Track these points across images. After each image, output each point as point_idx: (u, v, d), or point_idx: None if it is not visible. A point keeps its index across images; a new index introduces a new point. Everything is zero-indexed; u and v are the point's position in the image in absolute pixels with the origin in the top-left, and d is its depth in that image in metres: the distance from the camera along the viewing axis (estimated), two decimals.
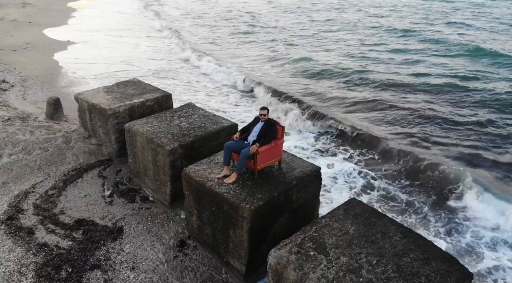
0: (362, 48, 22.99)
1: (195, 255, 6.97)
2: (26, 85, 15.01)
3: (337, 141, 12.46)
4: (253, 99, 16.33)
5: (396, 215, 8.79)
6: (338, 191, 9.54)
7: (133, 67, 19.02)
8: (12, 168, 8.64)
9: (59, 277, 6.21)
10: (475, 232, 8.31)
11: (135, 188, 8.70)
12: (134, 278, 6.40)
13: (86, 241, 7.05)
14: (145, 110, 9.57)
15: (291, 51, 22.50)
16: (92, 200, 8.20)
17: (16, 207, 7.62)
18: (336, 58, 21.08)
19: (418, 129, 12.90)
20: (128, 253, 6.89)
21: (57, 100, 11.66)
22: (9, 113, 11.59)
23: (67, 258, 6.59)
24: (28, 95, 13.88)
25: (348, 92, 16.36)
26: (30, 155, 9.10)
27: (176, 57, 22.12)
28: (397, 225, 5.27)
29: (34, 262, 6.41)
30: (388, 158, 11.20)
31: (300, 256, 4.73)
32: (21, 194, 8.04)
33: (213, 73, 19.12)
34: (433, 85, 16.53)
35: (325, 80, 17.96)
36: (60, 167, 9.07)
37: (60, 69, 17.53)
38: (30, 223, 7.29)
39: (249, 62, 21.28)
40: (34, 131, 9.84)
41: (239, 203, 5.78)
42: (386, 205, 9.19)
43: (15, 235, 6.91)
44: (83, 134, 10.21)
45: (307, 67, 19.55)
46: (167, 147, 7.44)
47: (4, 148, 9.08)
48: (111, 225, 7.51)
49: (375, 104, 15.02)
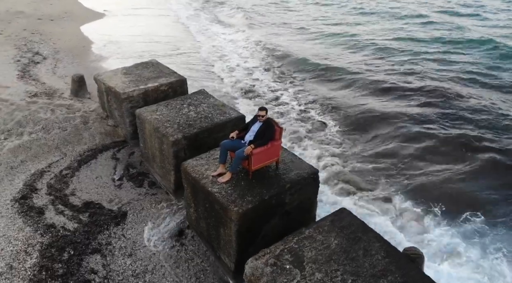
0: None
1: (191, 246, 7.16)
2: (58, 58, 15.51)
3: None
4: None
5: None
6: None
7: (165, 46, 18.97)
8: (31, 146, 9.10)
9: (61, 259, 6.61)
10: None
11: (144, 172, 8.94)
12: (130, 265, 6.70)
13: (91, 224, 7.40)
14: (159, 94, 9.67)
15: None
16: (103, 183, 8.54)
17: (30, 186, 8.08)
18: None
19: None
20: (128, 239, 7.19)
21: (81, 78, 11.99)
22: (37, 88, 12.10)
23: (71, 240, 6.97)
24: (58, 69, 14.36)
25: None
26: (49, 134, 9.52)
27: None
28: (382, 242, 5.13)
29: (40, 243, 6.84)
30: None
31: (276, 269, 4.74)
32: (37, 173, 8.49)
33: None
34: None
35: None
36: (77, 147, 9.45)
37: (91, 43, 17.91)
38: (41, 203, 7.73)
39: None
40: (55, 110, 10.24)
41: (228, 205, 5.81)
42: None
43: (26, 215, 7.36)
44: (101, 115, 10.52)
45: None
46: (171, 138, 7.53)
47: (26, 126, 9.54)
48: (116, 210, 7.81)
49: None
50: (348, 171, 10.15)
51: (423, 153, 10.90)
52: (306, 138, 11.65)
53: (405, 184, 9.64)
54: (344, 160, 10.66)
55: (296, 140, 11.56)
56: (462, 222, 8.47)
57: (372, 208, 8.86)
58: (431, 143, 11.29)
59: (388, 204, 9.02)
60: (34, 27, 18.95)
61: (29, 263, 6.42)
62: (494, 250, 7.72)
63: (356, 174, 10.03)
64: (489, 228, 8.27)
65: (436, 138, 11.45)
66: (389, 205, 8.98)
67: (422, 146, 11.18)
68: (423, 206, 8.88)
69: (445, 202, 8.95)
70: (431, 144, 11.26)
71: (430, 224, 8.42)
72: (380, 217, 8.56)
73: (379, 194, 9.34)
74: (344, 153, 11.01)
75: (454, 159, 10.60)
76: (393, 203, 9.04)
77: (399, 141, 11.45)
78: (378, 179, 9.85)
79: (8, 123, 9.45)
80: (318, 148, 11.14)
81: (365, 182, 9.73)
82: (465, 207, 8.85)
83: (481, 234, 8.14)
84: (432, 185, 9.61)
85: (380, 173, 10.05)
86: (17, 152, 8.82)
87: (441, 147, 11.12)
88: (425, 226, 8.42)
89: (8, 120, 9.52)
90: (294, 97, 14.38)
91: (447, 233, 8.14)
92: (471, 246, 7.83)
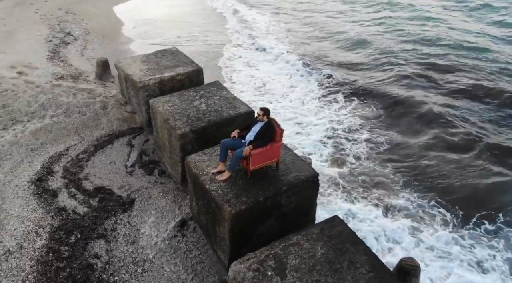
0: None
1: (192, 237, 7.36)
2: (88, 39, 15.96)
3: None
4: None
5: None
6: None
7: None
8: (52, 129, 9.52)
9: (68, 241, 6.99)
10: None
11: (156, 161, 9.18)
12: (132, 252, 6.99)
13: (100, 209, 7.74)
14: (175, 84, 9.79)
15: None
16: (115, 169, 8.85)
17: (47, 169, 8.50)
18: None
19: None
20: (133, 227, 7.48)
21: (105, 62, 12.31)
22: (63, 70, 12.55)
23: (79, 224, 7.33)
24: (87, 51, 14.80)
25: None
26: (69, 117, 9.92)
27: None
28: (369, 255, 5.08)
29: (50, 225, 7.24)
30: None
31: (257, 274, 4.81)
32: (55, 155, 8.91)
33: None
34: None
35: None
36: (95, 132, 9.80)
37: (122, 24, 18.24)
38: (56, 185, 8.14)
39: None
40: (77, 94, 10.61)
41: (223, 204, 5.91)
42: None
43: (40, 197, 7.78)
44: (120, 101, 10.81)
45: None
46: (178, 131, 7.66)
47: (48, 109, 9.97)
48: (125, 196, 8.11)
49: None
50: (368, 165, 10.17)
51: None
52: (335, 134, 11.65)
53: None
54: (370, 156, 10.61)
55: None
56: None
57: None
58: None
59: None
60: (69, 7, 19.49)
61: (38, 244, 6.83)
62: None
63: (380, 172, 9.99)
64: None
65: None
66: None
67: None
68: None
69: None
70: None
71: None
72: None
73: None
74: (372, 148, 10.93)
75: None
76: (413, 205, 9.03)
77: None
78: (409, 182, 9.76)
79: (32, 106, 9.91)
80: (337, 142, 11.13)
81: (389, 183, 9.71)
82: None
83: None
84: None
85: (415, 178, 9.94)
86: (38, 134, 9.26)
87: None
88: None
89: (32, 103, 9.98)
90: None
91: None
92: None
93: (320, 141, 11.39)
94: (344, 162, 10.63)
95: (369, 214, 8.87)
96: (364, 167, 10.38)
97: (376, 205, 9.17)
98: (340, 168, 10.38)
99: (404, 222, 8.63)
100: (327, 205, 9.10)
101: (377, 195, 9.52)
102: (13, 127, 9.30)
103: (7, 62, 11.88)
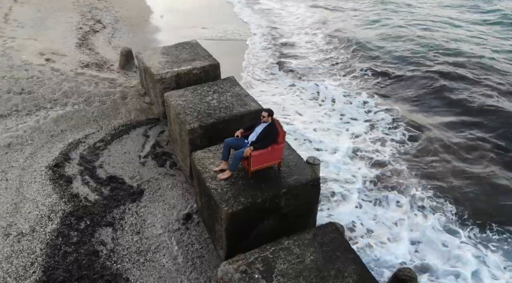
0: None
1: (195, 231, 7.55)
2: (116, 27, 16.35)
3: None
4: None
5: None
6: None
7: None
8: (72, 117, 9.91)
9: (77, 227, 7.34)
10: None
11: (169, 153, 9.40)
12: (136, 241, 7.26)
13: (110, 198, 8.05)
14: (191, 78, 9.93)
15: None
16: (129, 158, 9.14)
17: (65, 155, 8.89)
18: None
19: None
20: (140, 217, 7.74)
21: (129, 52, 12.62)
22: (90, 58, 12.96)
23: (90, 211, 7.67)
24: (114, 39, 15.19)
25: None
26: (90, 106, 10.28)
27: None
28: (358, 265, 5.07)
29: (62, 210, 7.61)
30: None
31: (244, 276, 4.92)
32: (73, 142, 9.29)
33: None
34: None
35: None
36: (113, 121, 10.12)
37: (151, 13, 18.53)
38: (71, 172, 8.51)
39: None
40: (99, 83, 10.96)
41: (220, 203, 6.02)
42: None
43: (56, 182, 8.17)
44: (139, 91, 11.08)
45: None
46: (187, 126, 7.81)
47: (71, 97, 10.37)
48: (136, 187, 8.38)
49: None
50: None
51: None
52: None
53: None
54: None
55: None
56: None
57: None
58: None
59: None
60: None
61: (50, 228, 7.21)
62: None
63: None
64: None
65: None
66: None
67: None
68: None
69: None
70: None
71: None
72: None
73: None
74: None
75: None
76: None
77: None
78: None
79: (56, 93, 10.33)
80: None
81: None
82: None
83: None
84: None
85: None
86: (59, 121, 9.67)
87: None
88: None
89: (56, 90, 10.41)
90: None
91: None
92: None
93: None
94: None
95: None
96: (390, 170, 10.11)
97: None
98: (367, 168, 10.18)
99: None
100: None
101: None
102: (36, 113, 9.76)
103: (37, 49, 12.38)
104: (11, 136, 8.99)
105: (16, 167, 8.35)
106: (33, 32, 13.83)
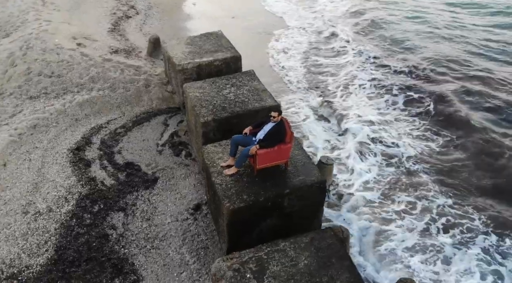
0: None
1: (202, 222, 7.70)
2: (149, 13, 16.61)
3: None
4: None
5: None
6: None
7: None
8: (97, 102, 10.25)
9: (91, 210, 7.66)
10: None
11: (185, 143, 9.58)
12: (145, 228, 7.50)
13: (125, 183, 8.33)
14: (212, 69, 10.00)
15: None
16: (147, 146, 9.39)
17: (87, 139, 9.24)
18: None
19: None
20: (151, 204, 7.97)
21: (157, 39, 12.82)
22: (119, 44, 13.29)
23: (104, 196, 7.98)
24: (145, 26, 15.45)
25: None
26: (114, 92, 10.58)
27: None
28: (352, 273, 5.03)
29: (79, 192, 7.96)
30: None
31: (236, 275, 5.00)
32: (96, 127, 9.63)
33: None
34: None
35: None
36: (135, 108, 10.40)
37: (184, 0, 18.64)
38: (91, 156, 8.85)
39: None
40: (124, 70, 11.23)
41: (223, 199, 6.11)
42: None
43: (75, 165, 8.53)
44: (162, 80, 11.27)
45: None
46: (201, 119, 7.91)
47: (97, 82, 10.70)
48: (150, 174, 8.62)
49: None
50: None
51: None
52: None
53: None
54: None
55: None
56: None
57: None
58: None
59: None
60: None
61: (65, 209, 7.57)
62: None
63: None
64: None
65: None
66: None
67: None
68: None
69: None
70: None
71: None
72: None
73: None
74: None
75: None
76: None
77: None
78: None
79: (83, 78, 10.69)
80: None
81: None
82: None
83: None
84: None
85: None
86: (84, 106, 10.04)
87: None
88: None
89: (83, 75, 10.77)
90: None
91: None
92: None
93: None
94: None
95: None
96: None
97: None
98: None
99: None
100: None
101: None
102: (63, 96, 10.16)
103: (70, 33, 12.81)
104: (38, 118, 9.43)
105: (40, 148, 8.77)
106: (68, 16, 14.28)
